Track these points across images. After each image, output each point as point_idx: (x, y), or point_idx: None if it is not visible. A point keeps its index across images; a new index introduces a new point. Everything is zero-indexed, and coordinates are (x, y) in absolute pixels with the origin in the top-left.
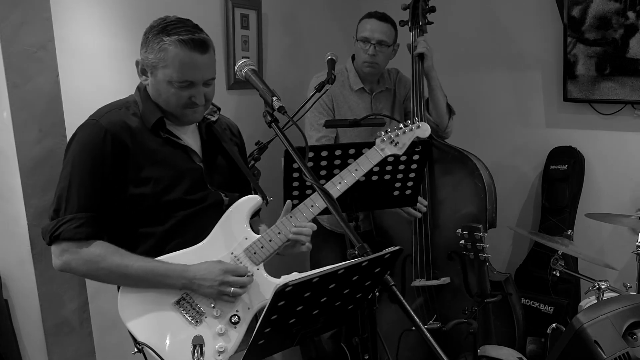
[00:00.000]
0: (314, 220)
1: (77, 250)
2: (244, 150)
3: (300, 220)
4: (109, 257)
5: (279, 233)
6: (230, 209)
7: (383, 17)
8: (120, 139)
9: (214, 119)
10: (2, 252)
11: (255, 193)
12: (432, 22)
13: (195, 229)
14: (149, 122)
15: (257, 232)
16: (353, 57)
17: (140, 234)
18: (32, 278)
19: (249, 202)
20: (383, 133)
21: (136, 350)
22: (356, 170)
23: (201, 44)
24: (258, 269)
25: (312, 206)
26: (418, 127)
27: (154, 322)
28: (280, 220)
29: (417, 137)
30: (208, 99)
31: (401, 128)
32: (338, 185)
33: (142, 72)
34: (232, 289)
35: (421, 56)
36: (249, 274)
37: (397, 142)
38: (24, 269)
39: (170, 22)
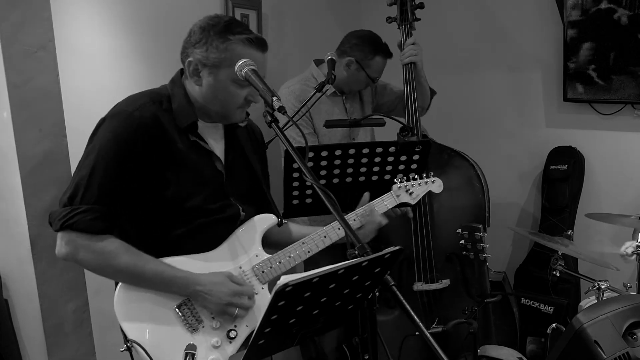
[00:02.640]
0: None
1: (89, 244)
2: (265, 157)
3: (311, 247)
4: (121, 256)
5: (290, 256)
6: (245, 224)
7: (390, 54)
8: (151, 135)
9: (242, 125)
10: (2, 252)
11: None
12: (419, 19)
13: (209, 238)
14: (182, 123)
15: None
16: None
17: (153, 234)
18: (32, 278)
19: (265, 221)
20: (398, 180)
21: (125, 347)
22: (372, 210)
23: (264, 43)
24: (263, 288)
25: (324, 237)
26: (433, 182)
27: (149, 322)
28: (292, 245)
29: (431, 191)
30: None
31: (416, 179)
32: (352, 221)
33: (195, 72)
34: (237, 311)
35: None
36: (255, 292)
37: (412, 192)
38: (24, 269)
39: (230, 22)
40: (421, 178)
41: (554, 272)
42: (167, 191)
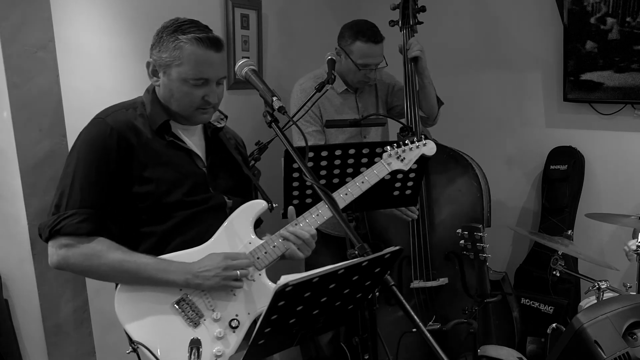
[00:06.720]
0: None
1: (78, 246)
2: (247, 163)
3: (304, 227)
4: (111, 253)
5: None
6: (235, 212)
7: (378, 38)
8: (125, 137)
9: (220, 125)
10: (2, 252)
11: (261, 198)
12: (422, 22)
13: (196, 229)
14: (155, 124)
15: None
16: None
17: (141, 233)
18: (32, 278)
19: (255, 206)
20: (389, 148)
21: (131, 349)
22: (362, 182)
23: (216, 42)
24: (260, 275)
25: (317, 214)
26: (424, 144)
27: (151, 322)
28: (285, 227)
29: (423, 154)
30: (219, 99)
31: (407, 144)
32: (344, 195)
33: (153, 73)
34: (238, 271)
35: (415, 59)
36: (252, 279)
37: (404, 158)
38: (24, 269)
39: (184, 22)
40: (412, 142)
41: (554, 272)
42: (148, 188)
